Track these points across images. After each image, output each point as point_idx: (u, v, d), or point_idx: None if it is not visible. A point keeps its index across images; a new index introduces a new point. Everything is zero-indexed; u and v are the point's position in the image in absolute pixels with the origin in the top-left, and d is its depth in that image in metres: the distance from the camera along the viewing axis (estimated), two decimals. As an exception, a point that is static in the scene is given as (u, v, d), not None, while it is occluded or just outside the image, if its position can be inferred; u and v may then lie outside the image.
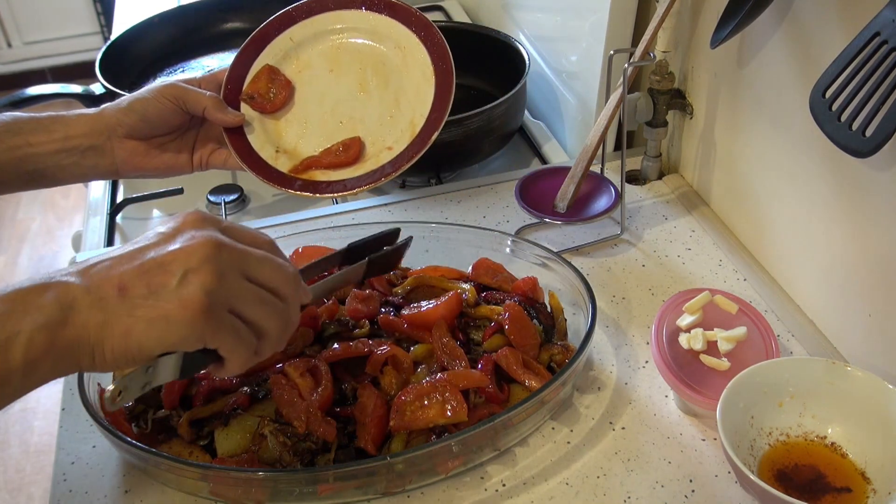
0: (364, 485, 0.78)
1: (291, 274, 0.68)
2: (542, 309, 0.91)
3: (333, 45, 0.96)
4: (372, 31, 0.95)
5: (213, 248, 0.62)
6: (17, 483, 2.22)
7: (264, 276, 0.65)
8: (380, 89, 0.94)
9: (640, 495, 0.79)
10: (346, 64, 0.96)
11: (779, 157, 0.95)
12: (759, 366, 0.79)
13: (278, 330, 0.67)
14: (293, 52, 0.96)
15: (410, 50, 0.93)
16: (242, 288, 0.64)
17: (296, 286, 0.68)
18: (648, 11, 1.15)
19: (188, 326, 0.61)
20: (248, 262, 0.65)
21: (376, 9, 0.95)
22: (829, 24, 0.82)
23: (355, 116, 0.94)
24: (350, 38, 0.96)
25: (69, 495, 0.82)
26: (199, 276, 0.61)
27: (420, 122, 0.91)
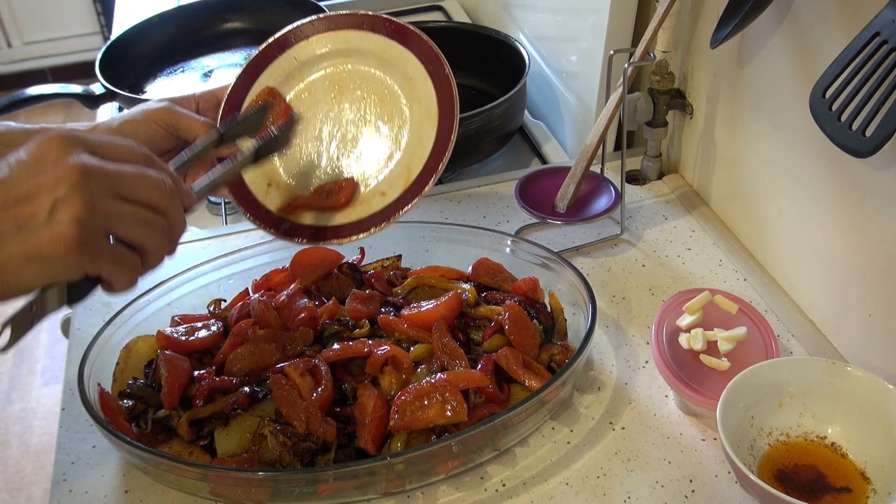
0: (364, 485, 0.78)
1: (168, 185, 0.66)
2: (542, 309, 0.91)
3: (339, 69, 0.90)
4: (380, 57, 0.88)
5: (81, 174, 0.60)
6: (17, 483, 2.22)
7: (139, 194, 0.64)
8: (381, 124, 0.88)
9: (640, 495, 0.79)
10: (351, 91, 0.89)
11: (779, 157, 0.95)
12: (759, 366, 0.79)
13: (160, 244, 0.66)
14: (297, 73, 0.91)
15: (417, 82, 0.86)
16: (116, 210, 0.62)
17: (173, 196, 0.67)
18: (648, 11, 1.15)
19: (63, 260, 0.59)
20: (121, 182, 0.63)
21: (386, 33, 0.89)
22: (829, 24, 0.82)
23: (354, 151, 0.89)
24: (357, 62, 0.90)
25: (69, 495, 0.82)
26: (68, 206, 0.59)
27: (417, 167, 0.85)
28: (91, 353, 0.86)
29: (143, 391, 0.84)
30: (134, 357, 0.89)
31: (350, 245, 0.99)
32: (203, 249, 1.11)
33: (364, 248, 1.01)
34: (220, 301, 0.97)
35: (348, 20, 0.90)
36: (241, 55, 1.56)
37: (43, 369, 2.55)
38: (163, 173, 0.67)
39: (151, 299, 0.94)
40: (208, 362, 0.88)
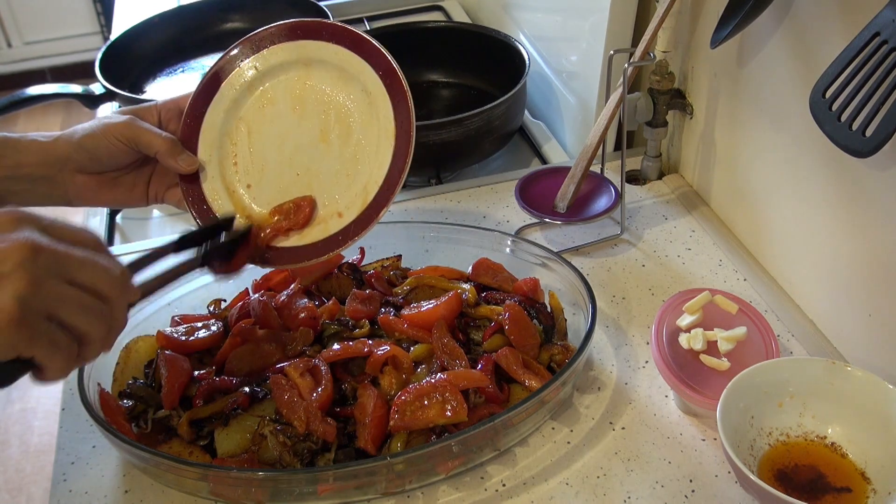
0: (364, 485, 0.78)
1: (117, 275, 0.65)
2: (542, 309, 0.91)
3: (300, 80, 0.88)
4: (340, 68, 0.87)
5: (29, 252, 0.59)
6: (17, 483, 2.22)
7: (86, 279, 0.62)
8: (341, 141, 0.86)
9: (640, 495, 0.79)
10: (311, 105, 0.88)
11: (779, 157, 0.95)
12: (759, 366, 0.79)
13: (101, 334, 0.64)
14: (258, 82, 0.89)
15: (376, 98, 0.85)
16: (60, 293, 0.61)
17: (121, 287, 0.65)
18: (648, 11, 1.15)
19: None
20: (68, 265, 0.62)
21: (347, 44, 0.87)
22: (829, 24, 0.82)
23: (312, 169, 0.87)
24: (318, 74, 0.88)
25: (69, 495, 0.82)
26: (11, 283, 0.58)
27: (373, 189, 0.83)
28: (91, 353, 0.86)
29: (143, 391, 0.84)
30: (134, 357, 0.89)
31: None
32: (203, 249, 1.11)
33: (364, 248, 1.01)
34: (220, 301, 0.97)
35: (309, 30, 0.88)
36: (241, 55, 1.56)
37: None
38: (112, 262, 0.65)
39: (151, 299, 0.94)
40: (208, 362, 0.88)
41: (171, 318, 0.93)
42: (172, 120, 0.89)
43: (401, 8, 1.75)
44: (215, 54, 1.56)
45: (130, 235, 1.23)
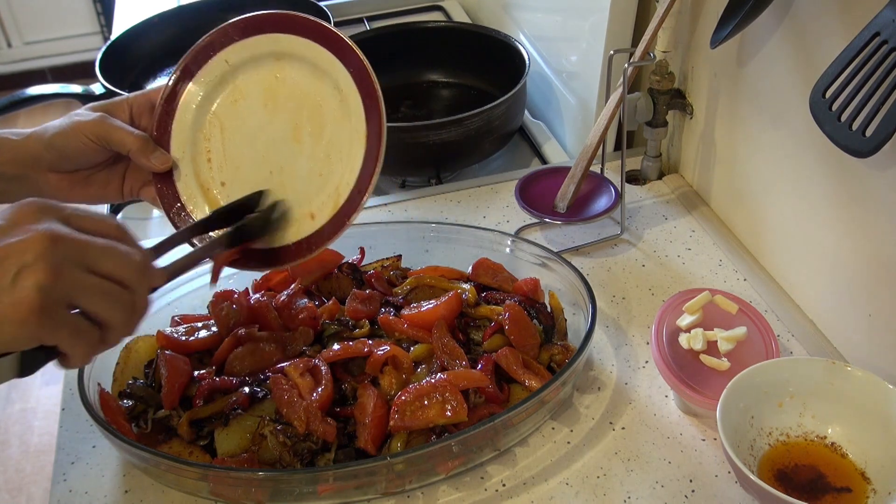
0: (364, 485, 0.78)
1: (137, 261, 0.66)
2: (542, 309, 0.91)
3: (271, 74, 0.86)
4: (313, 64, 0.85)
5: (49, 242, 0.60)
6: (17, 483, 2.22)
7: (107, 267, 0.63)
8: (313, 139, 0.85)
9: (640, 495, 0.79)
10: (283, 101, 0.86)
11: (779, 157, 0.95)
12: (759, 366, 0.79)
13: (122, 320, 0.65)
14: (230, 77, 0.87)
15: (348, 96, 0.83)
16: (81, 281, 0.62)
17: (141, 273, 0.66)
18: (648, 11, 1.15)
19: (20, 327, 0.59)
20: (88, 253, 0.63)
21: (317, 39, 0.85)
22: (829, 24, 0.82)
23: (285, 168, 0.85)
24: (289, 69, 0.86)
25: (69, 495, 0.82)
26: (32, 273, 0.59)
27: (345, 191, 0.82)
28: (91, 353, 0.86)
29: (143, 391, 0.84)
30: (134, 357, 0.89)
31: (350, 245, 1.00)
32: (203, 249, 1.11)
33: (364, 248, 1.01)
34: (220, 301, 0.97)
35: (282, 23, 0.86)
36: (241, 55, 1.56)
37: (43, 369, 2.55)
38: (133, 249, 0.66)
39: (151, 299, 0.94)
40: (208, 362, 0.88)
41: (171, 318, 0.93)
42: (144, 115, 0.88)
43: (401, 8, 1.75)
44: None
45: (130, 235, 1.22)
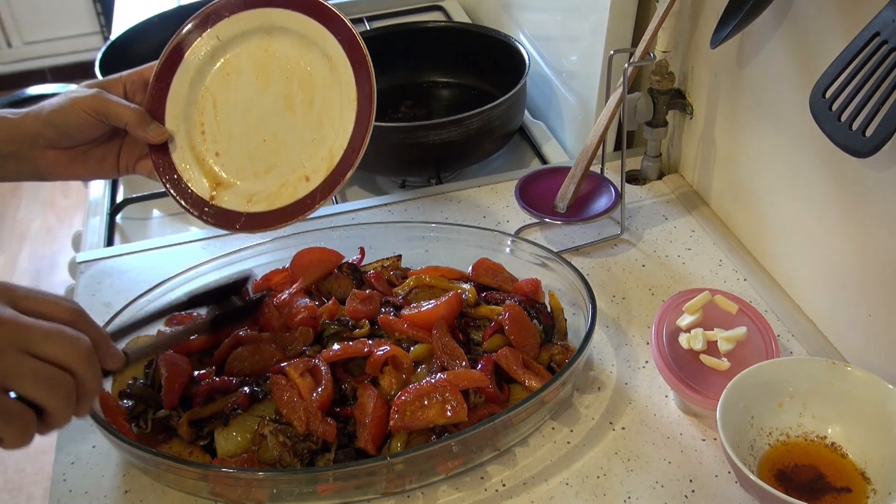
0: (364, 485, 0.78)
1: (84, 346, 0.65)
2: (542, 309, 0.91)
3: (261, 48, 0.90)
4: (301, 35, 0.88)
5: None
6: (17, 483, 2.22)
7: (49, 351, 0.63)
8: (304, 107, 0.89)
9: (640, 495, 0.79)
10: (274, 73, 0.90)
11: (779, 157, 0.95)
12: (759, 366, 0.79)
13: (61, 406, 0.64)
14: (220, 52, 0.91)
15: (337, 63, 0.87)
16: (18, 365, 0.62)
17: (87, 359, 0.65)
18: (648, 11, 1.15)
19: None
20: (30, 337, 0.62)
21: (304, 10, 0.88)
22: (829, 24, 0.82)
23: (278, 134, 0.89)
24: (279, 41, 0.89)
25: (69, 495, 0.82)
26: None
27: (338, 153, 0.86)
28: (91, 353, 0.86)
29: (143, 391, 0.84)
30: (134, 357, 0.89)
31: (350, 245, 1.00)
32: (203, 249, 1.11)
33: (364, 248, 1.01)
34: (220, 301, 0.97)
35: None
36: (241, 55, 1.56)
37: (43, 369, 2.55)
38: (82, 333, 0.66)
39: (151, 299, 0.94)
40: (208, 362, 0.88)
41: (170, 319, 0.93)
42: (138, 92, 0.90)
43: (401, 8, 1.75)
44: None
45: (130, 235, 1.23)
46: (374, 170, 1.29)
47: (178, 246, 1.13)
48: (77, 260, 1.13)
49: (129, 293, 0.98)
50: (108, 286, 1.07)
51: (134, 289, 1.01)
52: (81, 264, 1.11)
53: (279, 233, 1.07)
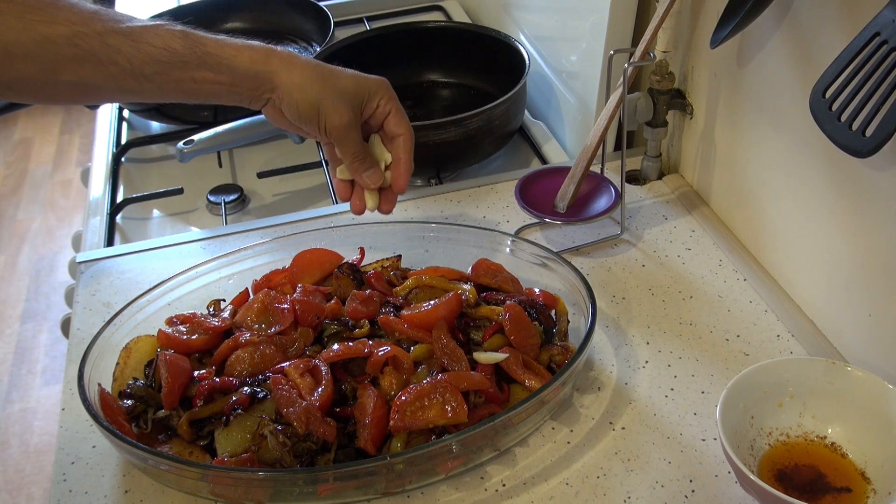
0: (364, 485, 0.78)
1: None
2: (542, 309, 0.90)
3: None
4: None
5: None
6: (17, 483, 2.22)
7: None
8: None
9: (640, 495, 0.79)
10: None
11: (779, 157, 0.95)
12: (759, 366, 0.79)
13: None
14: None
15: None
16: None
17: None
18: (648, 11, 1.15)
19: None
20: None
21: None
22: (829, 24, 0.82)
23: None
24: None
25: (69, 495, 0.82)
26: None
27: None
28: (91, 353, 0.86)
29: (143, 391, 0.84)
30: (134, 357, 0.89)
31: (350, 245, 1.00)
32: (203, 249, 1.11)
33: (364, 248, 1.01)
34: (220, 301, 0.97)
35: None
36: (241, 55, 1.56)
37: (43, 369, 2.55)
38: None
39: (151, 299, 0.94)
40: (208, 362, 0.88)
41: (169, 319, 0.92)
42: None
43: (401, 8, 1.75)
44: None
45: (130, 235, 1.23)
46: (374, 170, 1.28)
47: (178, 246, 1.13)
48: (77, 260, 1.13)
49: (129, 293, 0.98)
50: (108, 286, 1.07)
51: (134, 289, 1.02)
52: (81, 264, 1.11)
53: (279, 233, 1.07)
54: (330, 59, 1.35)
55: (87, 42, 0.75)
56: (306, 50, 1.54)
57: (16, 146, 3.57)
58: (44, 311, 2.77)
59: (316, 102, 0.84)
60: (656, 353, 0.93)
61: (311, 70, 0.85)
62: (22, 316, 2.76)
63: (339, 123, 0.85)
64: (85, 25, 0.75)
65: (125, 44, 0.77)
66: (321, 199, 1.26)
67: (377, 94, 0.88)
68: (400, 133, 0.90)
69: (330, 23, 1.48)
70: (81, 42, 0.74)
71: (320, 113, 0.85)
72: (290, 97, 0.84)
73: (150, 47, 0.78)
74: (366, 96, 0.87)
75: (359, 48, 1.40)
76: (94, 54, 0.76)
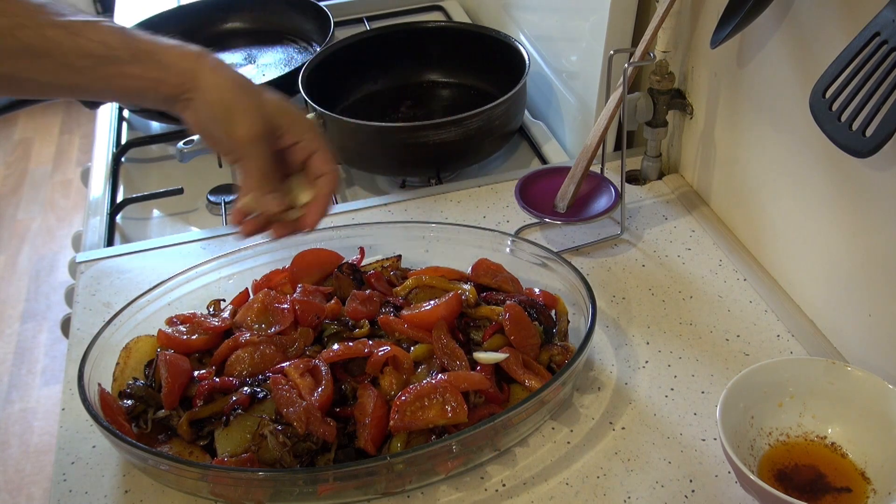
0: (364, 485, 0.78)
1: None
2: (542, 309, 0.90)
3: None
4: None
5: None
6: (17, 483, 2.22)
7: None
8: None
9: (640, 495, 0.79)
10: None
11: (779, 157, 0.95)
12: (759, 366, 0.79)
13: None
14: None
15: None
16: None
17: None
18: (648, 11, 1.15)
19: None
20: None
21: None
22: (829, 24, 0.82)
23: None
24: None
25: (69, 495, 0.82)
26: None
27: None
28: (91, 353, 0.86)
29: (143, 391, 0.84)
30: (134, 357, 0.89)
31: (350, 245, 1.00)
32: (203, 249, 1.11)
33: (364, 248, 1.01)
34: (220, 301, 0.97)
35: None
36: (241, 55, 1.56)
37: (43, 369, 2.55)
38: None
39: (151, 299, 0.94)
40: (208, 362, 0.88)
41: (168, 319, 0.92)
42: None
43: (401, 8, 1.75)
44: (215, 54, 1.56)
45: (130, 235, 1.23)
46: (374, 170, 1.29)
47: (178, 246, 1.13)
48: (77, 260, 1.13)
49: (129, 293, 0.98)
50: (108, 286, 1.07)
51: (134, 289, 1.02)
52: (81, 264, 1.11)
53: (279, 233, 1.07)
54: (330, 59, 1.36)
55: (26, 34, 0.74)
56: (306, 50, 1.54)
57: (16, 146, 3.58)
58: (44, 311, 2.77)
59: (230, 105, 0.80)
60: (656, 353, 0.93)
61: (237, 79, 0.81)
62: (22, 316, 2.76)
63: (249, 133, 0.80)
64: (28, 18, 0.74)
65: (63, 36, 0.75)
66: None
67: (300, 129, 0.83)
68: (325, 171, 0.84)
69: (330, 23, 1.48)
70: (21, 34, 0.74)
71: (231, 118, 0.80)
72: (207, 96, 0.79)
73: (87, 41, 0.76)
74: (286, 124, 0.82)
75: (359, 48, 1.40)
76: (31, 46, 0.74)
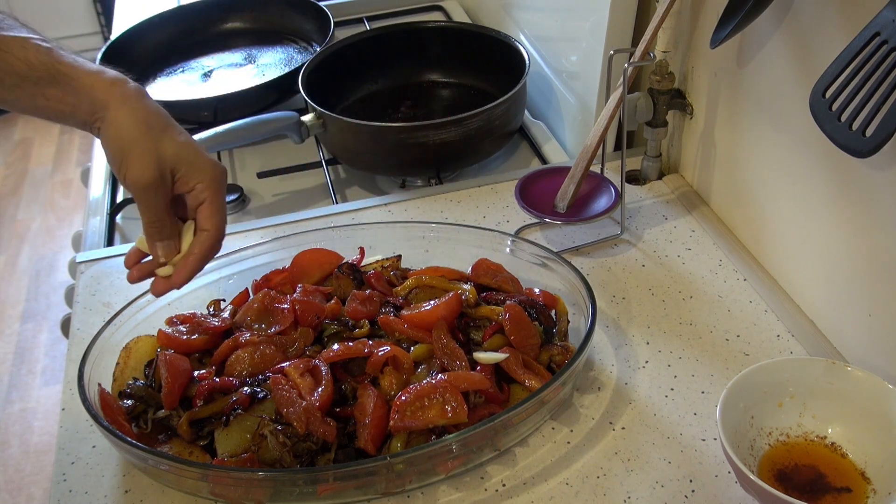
0: (364, 485, 0.78)
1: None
2: (542, 309, 0.90)
3: None
4: None
5: None
6: (17, 483, 2.22)
7: None
8: None
9: (640, 495, 0.79)
10: None
11: (779, 157, 0.95)
12: (759, 366, 0.79)
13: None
14: None
15: None
16: None
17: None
18: (648, 11, 1.15)
19: None
20: None
21: None
22: (829, 24, 0.82)
23: None
24: None
25: (69, 495, 0.82)
26: None
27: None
28: (91, 353, 0.86)
29: (143, 391, 0.84)
30: (134, 357, 0.89)
31: (350, 245, 1.00)
32: (203, 249, 1.11)
33: (364, 248, 1.01)
34: (220, 301, 0.97)
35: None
36: (241, 55, 1.56)
37: (43, 369, 2.55)
38: None
39: (151, 299, 0.94)
40: (208, 362, 0.88)
41: (168, 319, 0.92)
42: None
43: (401, 8, 1.75)
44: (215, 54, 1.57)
45: (130, 235, 1.23)
46: (374, 170, 1.29)
47: (178, 246, 1.12)
48: (77, 260, 1.13)
49: (129, 293, 0.98)
50: (108, 286, 1.07)
51: (134, 289, 1.01)
52: (81, 264, 1.11)
53: (279, 233, 1.07)
54: (330, 59, 1.36)
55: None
56: (306, 50, 1.54)
57: (16, 146, 3.58)
58: (44, 311, 2.77)
59: (125, 147, 0.77)
60: (656, 353, 0.93)
61: (144, 115, 0.78)
62: (22, 316, 2.76)
63: (139, 180, 0.77)
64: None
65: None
66: (321, 199, 1.26)
67: (198, 175, 0.80)
68: (205, 228, 0.81)
69: (330, 23, 1.49)
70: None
71: (125, 160, 0.77)
72: (108, 132, 0.78)
73: (13, 58, 0.76)
74: (184, 169, 0.79)
75: (359, 48, 1.40)
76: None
